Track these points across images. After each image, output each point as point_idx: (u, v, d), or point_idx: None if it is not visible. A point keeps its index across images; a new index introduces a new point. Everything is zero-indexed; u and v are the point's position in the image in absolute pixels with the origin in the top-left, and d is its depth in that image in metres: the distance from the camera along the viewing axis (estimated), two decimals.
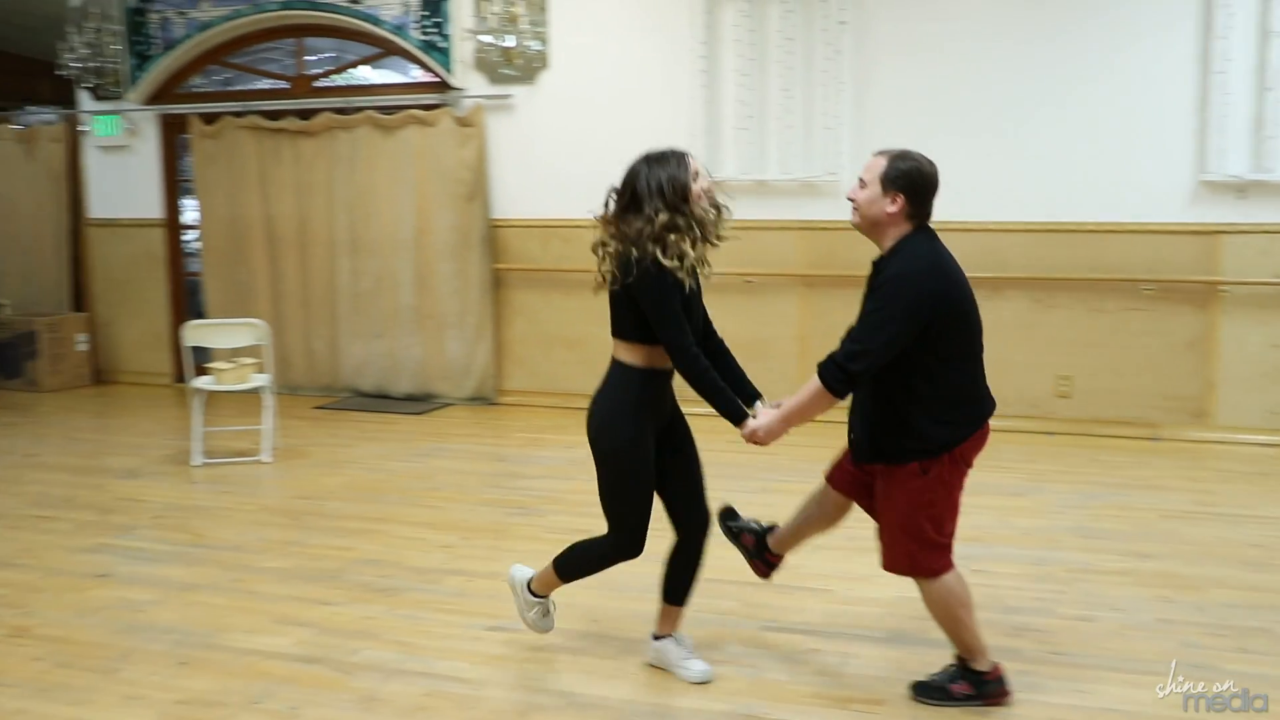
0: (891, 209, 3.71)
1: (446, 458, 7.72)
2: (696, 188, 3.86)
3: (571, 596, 4.87)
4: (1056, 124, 8.06)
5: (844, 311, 8.51)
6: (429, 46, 9.35)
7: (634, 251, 3.76)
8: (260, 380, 7.71)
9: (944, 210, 8.43)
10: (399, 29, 9.42)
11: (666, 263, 3.75)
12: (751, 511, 5.99)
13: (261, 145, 9.96)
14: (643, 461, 3.88)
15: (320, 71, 10.16)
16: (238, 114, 10.04)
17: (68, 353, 10.67)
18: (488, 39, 8.83)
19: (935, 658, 4.32)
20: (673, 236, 3.78)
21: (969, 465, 3.82)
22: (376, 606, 4.93)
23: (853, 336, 3.71)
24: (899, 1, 8.27)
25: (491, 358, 9.48)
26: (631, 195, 3.88)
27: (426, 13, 9.33)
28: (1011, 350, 8.27)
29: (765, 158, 8.57)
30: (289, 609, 4.92)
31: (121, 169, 10.66)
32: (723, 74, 8.61)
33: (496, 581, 5.17)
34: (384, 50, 9.77)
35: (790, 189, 8.58)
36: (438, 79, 9.50)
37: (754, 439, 3.91)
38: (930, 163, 3.74)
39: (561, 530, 5.71)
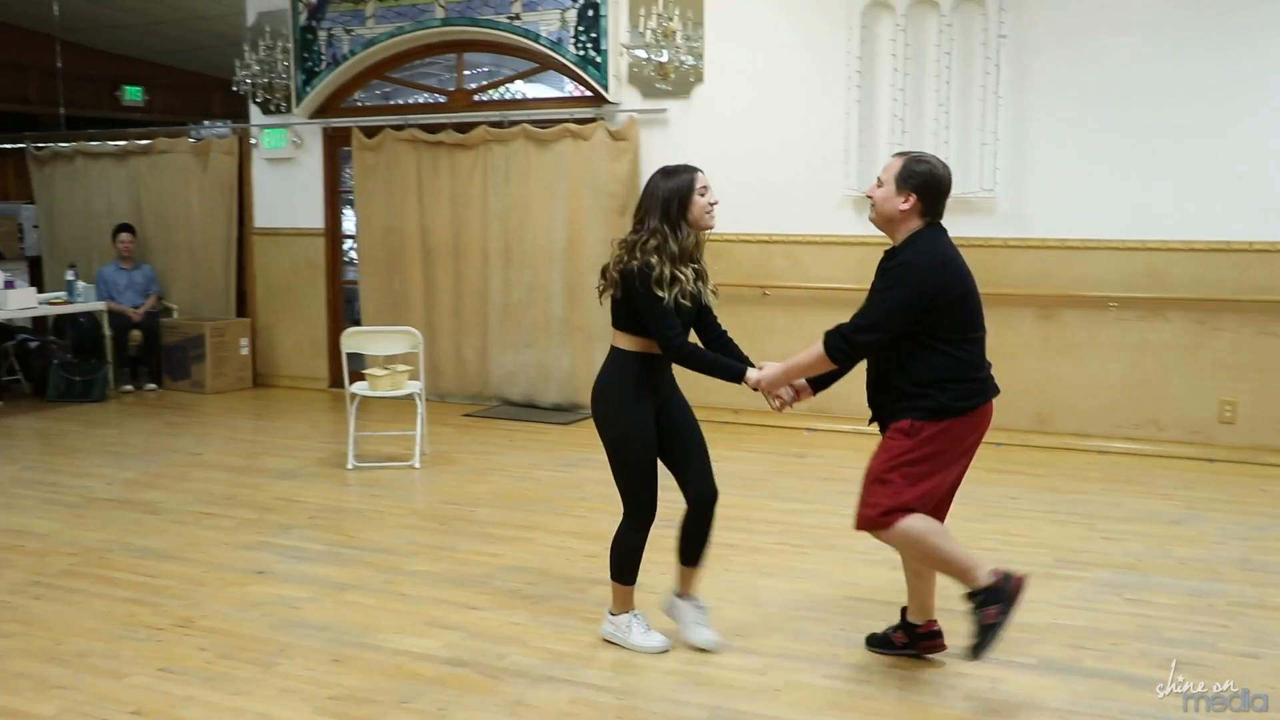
0: (904, 206, 4.04)
1: (593, 468, 7.76)
2: (702, 201, 4.26)
3: (722, 611, 4.86)
4: (1223, 139, 7.79)
5: (999, 330, 8.40)
6: (585, 61, 9.46)
7: (635, 259, 4.20)
8: (413, 387, 7.87)
9: (1103, 229, 8.21)
10: (556, 44, 9.55)
11: (661, 270, 4.18)
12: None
13: (419, 157, 10.18)
14: (643, 435, 4.30)
15: (478, 86, 10.35)
16: (397, 127, 10.29)
17: (231, 356, 11.04)
18: (643, 54, 8.90)
19: (1088, 688, 4.20)
20: (666, 242, 4.21)
21: (966, 449, 4.07)
22: (523, 613, 4.99)
23: (861, 313, 4.00)
24: (1060, 15, 8.09)
25: None
26: (644, 206, 4.30)
27: (583, 28, 9.44)
28: (1170, 373, 8.01)
29: None
30: (438, 612, 5.00)
31: (286, 180, 11.01)
32: (878, 88, 8.53)
33: (641, 593, 5.18)
34: (541, 65, 9.92)
35: (946, 205, 8.43)
36: (593, 93, 9.60)
37: (759, 387, 4.28)
38: (944, 166, 4.08)
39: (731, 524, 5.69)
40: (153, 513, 6.67)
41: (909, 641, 4.50)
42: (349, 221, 11.02)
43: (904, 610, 4.55)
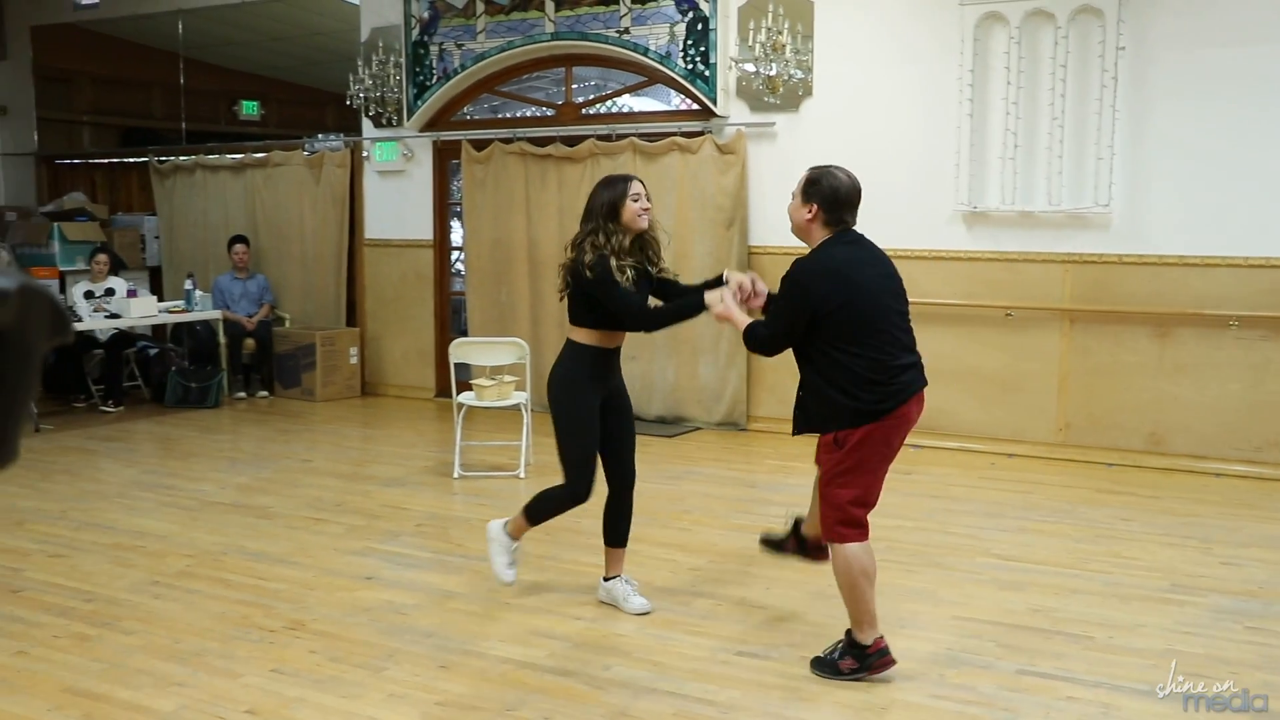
0: (808, 216, 4.35)
1: (697, 481, 7.79)
2: (635, 206, 4.78)
3: (831, 631, 4.84)
4: None
5: (1112, 348, 8.28)
6: (693, 75, 9.50)
7: (583, 256, 4.74)
8: (519, 398, 7.95)
9: (1225, 245, 8.00)
10: (664, 58, 9.61)
11: (614, 261, 4.71)
12: (1013, 551, 5.83)
13: (527, 170, 10.30)
14: (590, 419, 4.89)
15: (586, 100, 10.44)
16: (506, 140, 10.41)
17: (341, 365, 11.24)
18: (751, 67, 8.91)
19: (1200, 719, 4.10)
20: (600, 240, 4.73)
21: (890, 446, 4.28)
22: (627, 624, 5.02)
23: (765, 320, 4.41)
24: (1181, 24, 7.93)
25: (743, 384, 9.52)
26: (585, 213, 4.88)
27: (691, 42, 9.48)
28: None
29: (1032, 188, 8.35)
30: (542, 621, 5.05)
31: (397, 192, 11.20)
32: (990, 101, 8.44)
33: (746, 608, 5.19)
34: (649, 79, 9.98)
35: (1057, 220, 8.34)
36: (700, 106, 9.63)
37: (714, 308, 4.62)
38: (847, 175, 4.38)
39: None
40: (265, 517, 6.83)
41: (799, 550, 5.00)
42: (457, 233, 11.17)
43: (797, 523, 4.99)
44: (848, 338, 4.20)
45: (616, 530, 5.21)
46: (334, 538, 6.39)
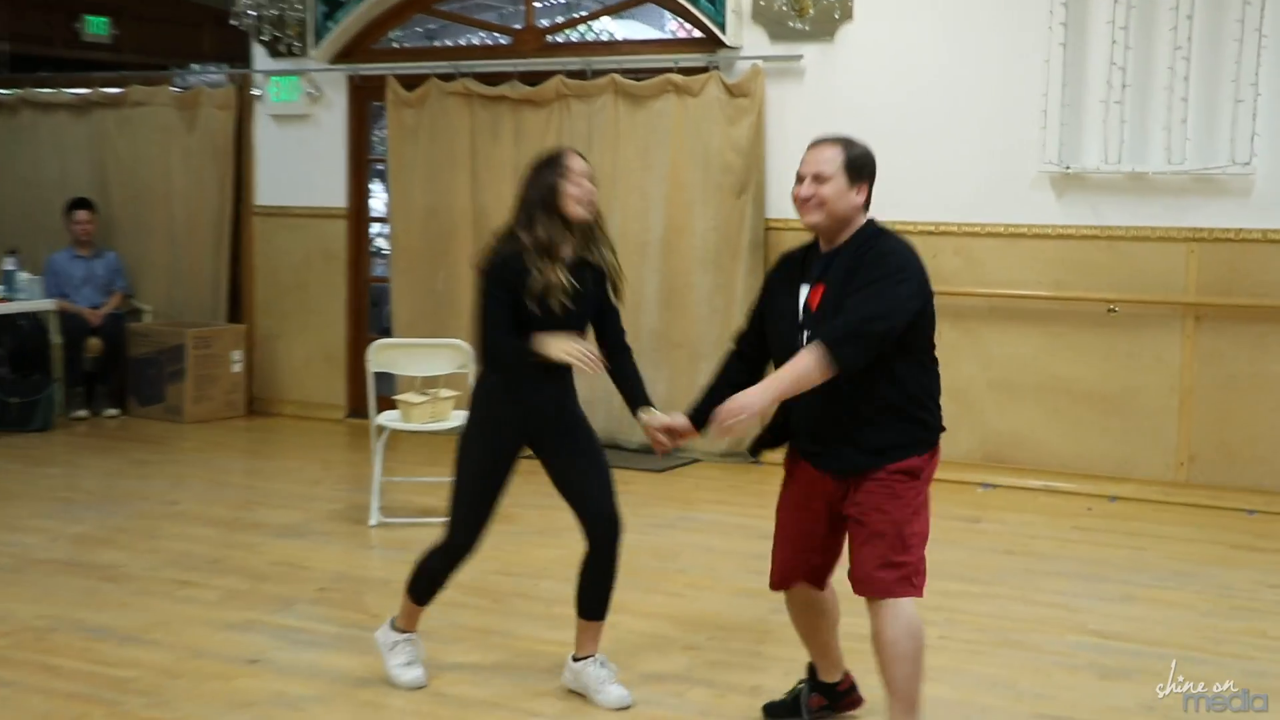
0: (859, 200, 4.44)
1: (694, 530, 7.74)
2: (574, 191, 4.90)
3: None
4: None
5: (1252, 355, 8.26)
6: None
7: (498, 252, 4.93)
8: (459, 419, 7.86)
9: None
10: None
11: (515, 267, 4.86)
12: (1118, 627, 5.81)
13: (475, 117, 10.25)
14: (482, 457, 5.01)
15: (553, 24, 10.40)
16: (446, 77, 10.37)
17: (220, 374, 11.17)
18: None
19: None
20: (523, 237, 4.89)
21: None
22: None
23: (855, 308, 4.27)
24: None
25: None
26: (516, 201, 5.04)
27: None
28: None
29: (1145, 143, 8.34)
30: (490, 718, 4.98)
31: (299, 144, 11.16)
32: (1090, 28, 8.44)
33: (758, 699, 5.13)
34: None
35: (1179, 184, 8.32)
36: (704, 34, 9.59)
37: (730, 416, 4.34)
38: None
39: (843, 634, 5.62)
40: (111, 580, 6.73)
41: (830, 703, 4.99)
42: (379, 200, 11.12)
43: (812, 669, 4.99)
44: (930, 343, 4.44)
45: (592, 597, 5.17)
46: (206, 607, 6.30)
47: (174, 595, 6.47)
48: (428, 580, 5.19)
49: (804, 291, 4.44)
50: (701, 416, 4.70)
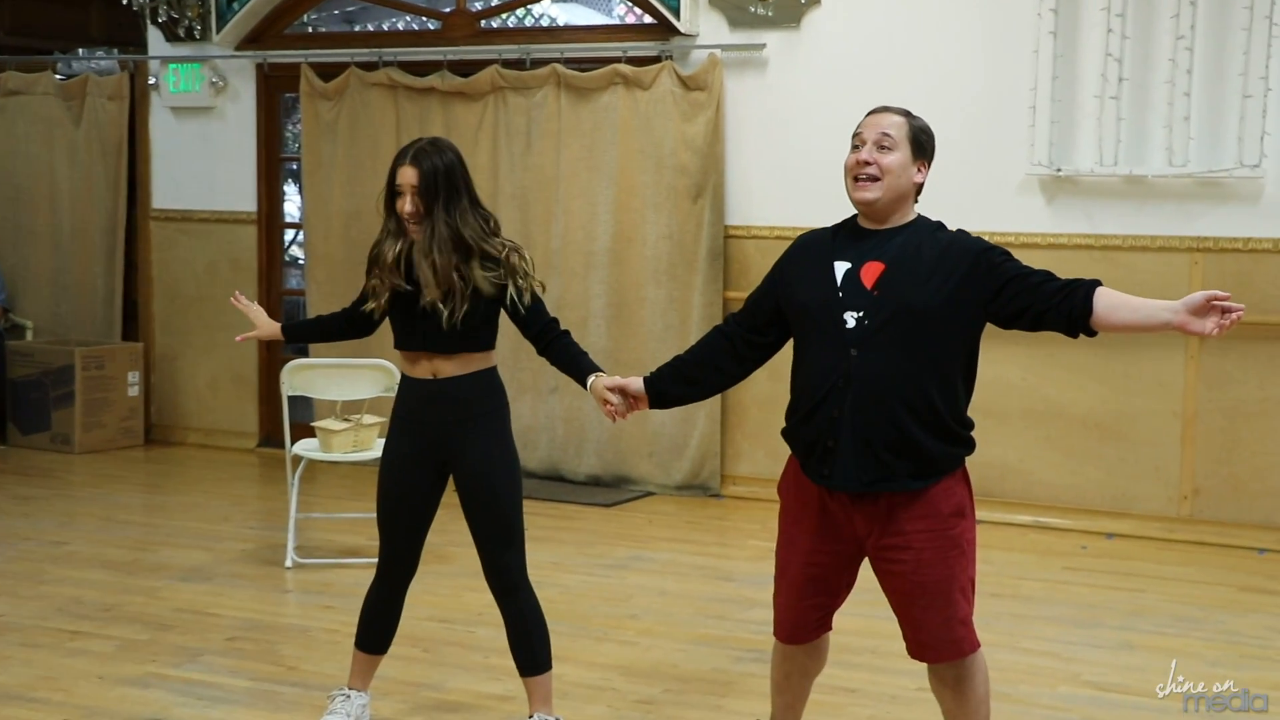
0: (919, 179, 4.53)
1: (647, 572, 7.77)
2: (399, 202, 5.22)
3: None
4: None
5: (1262, 377, 8.34)
6: None
7: None
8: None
9: None
10: None
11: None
12: (1115, 677, 5.89)
13: (400, 111, 10.28)
14: (390, 476, 5.28)
15: (487, 7, 10.44)
16: (368, 65, 10.39)
17: (114, 399, 11.14)
18: None
19: None
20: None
21: None
22: None
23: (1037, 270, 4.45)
24: None
25: (716, 429, 9.53)
26: None
27: None
28: None
29: (1144, 143, 8.43)
30: None
31: (201, 140, 11.14)
32: (1084, 16, 8.52)
33: None
34: None
35: (1182, 189, 8.43)
36: (656, 20, 9.65)
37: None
38: None
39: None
40: None
41: None
42: (293, 203, 11.12)
43: None
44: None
45: (515, 653, 5.31)
46: (100, 660, 6.29)
47: (63, 647, 6.46)
48: (364, 618, 5.47)
49: (841, 268, 4.41)
50: (658, 390, 4.79)
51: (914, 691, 5.49)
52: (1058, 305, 4.24)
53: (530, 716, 5.21)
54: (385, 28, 10.94)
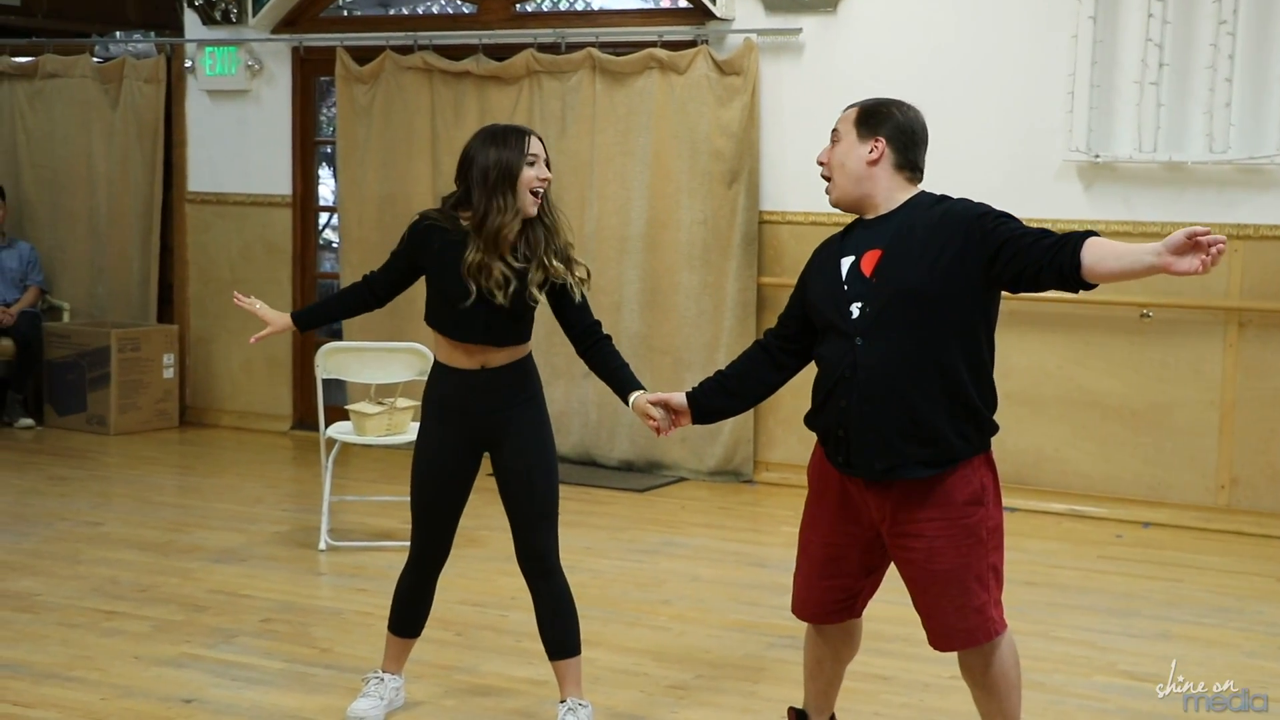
0: (871, 156, 4.48)
1: (680, 557, 7.77)
2: (530, 174, 5.04)
3: None
4: None
5: None
6: None
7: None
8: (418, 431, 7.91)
9: None
10: None
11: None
12: (1152, 668, 5.86)
13: (435, 94, 10.28)
14: (429, 463, 5.21)
15: None
16: (403, 49, 10.40)
17: (149, 380, 11.18)
18: None
19: None
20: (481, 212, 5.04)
21: None
22: None
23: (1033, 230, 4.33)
24: None
25: (749, 415, 9.51)
26: (460, 173, 5.20)
27: None
28: None
29: (1184, 129, 8.39)
30: None
31: (237, 123, 11.17)
32: (1123, 2, 8.48)
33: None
34: None
35: (1222, 176, 8.40)
36: (691, 4, 9.63)
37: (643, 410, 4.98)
38: (913, 108, 4.63)
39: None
40: (26, 610, 6.74)
41: None
42: (328, 186, 11.13)
43: (801, 714, 5.00)
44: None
45: (545, 636, 5.30)
46: (135, 640, 6.31)
47: (98, 627, 6.48)
48: (397, 604, 5.46)
49: (846, 262, 4.48)
50: (701, 403, 4.82)
51: (948, 679, 5.47)
52: (1049, 262, 4.14)
53: (561, 701, 5.21)
54: (420, 11, 10.95)
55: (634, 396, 5.07)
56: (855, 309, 4.36)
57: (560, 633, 5.23)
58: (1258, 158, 8.23)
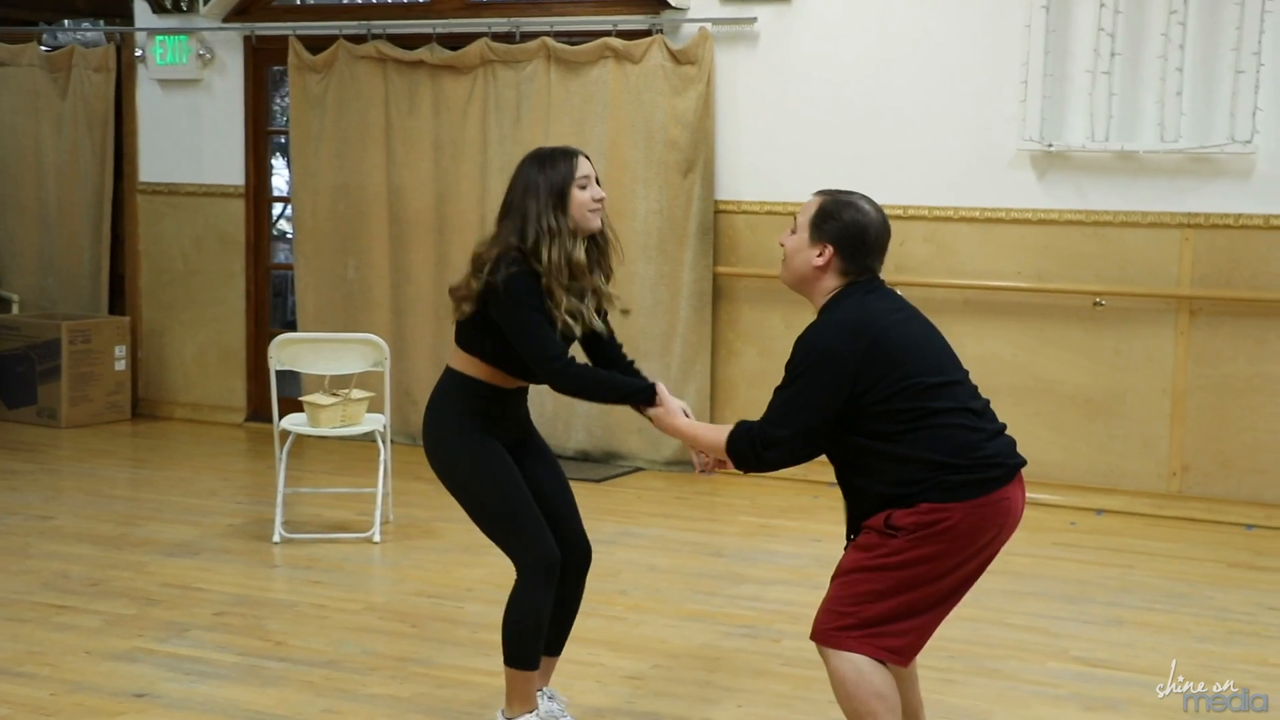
0: (818, 262, 4.52)
1: (636, 547, 7.78)
2: (583, 196, 4.87)
3: None
4: None
5: (1253, 354, 8.35)
6: None
7: (498, 271, 4.78)
8: (374, 422, 7.91)
9: None
10: None
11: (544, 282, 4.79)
12: (1104, 653, 5.89)
13: (389, 84, 10.26)
14: (496, 468, 4.92)
15: None
16: (356, 38, 10.37)
17: (101, 373, 11.12)
18: None
19: None
20: (542, 249, 4.81)
21: (980, 552, 4.39)
22: None
23: (770, 411, 4.44)
24: None
25: (705, 404, 9.52)
26: (507, 205, 4.98)
27: None
28: None
29: (1136, 118, 8.44)
30: None
31: (188, 113, 11.13)
32: None
33: None
34: None
35: (1173, 165, 8.44)
36: None
37: (657, 417, 4.93)
38: (875, 208, 4.60)
39: (804, 662, 5.69)
40: None
41: None
42: (281, 177, 11.10)
43: None
44: (915, 415, 4.36)
45: (556, 631, 5.20)
46: (87, 635, 6.29)
47: (49, 622, 6.45)
48: (526, 634, 4.94)
49: None
50: None
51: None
52: None
53: (542, 689, 5.21)
54: (374, 0, 10.91)
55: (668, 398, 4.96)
56: None
57: (565, 631, 5.23)
58: (1208, 147, 8.27)
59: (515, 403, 5.06)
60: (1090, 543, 7.99)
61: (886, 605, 4.30)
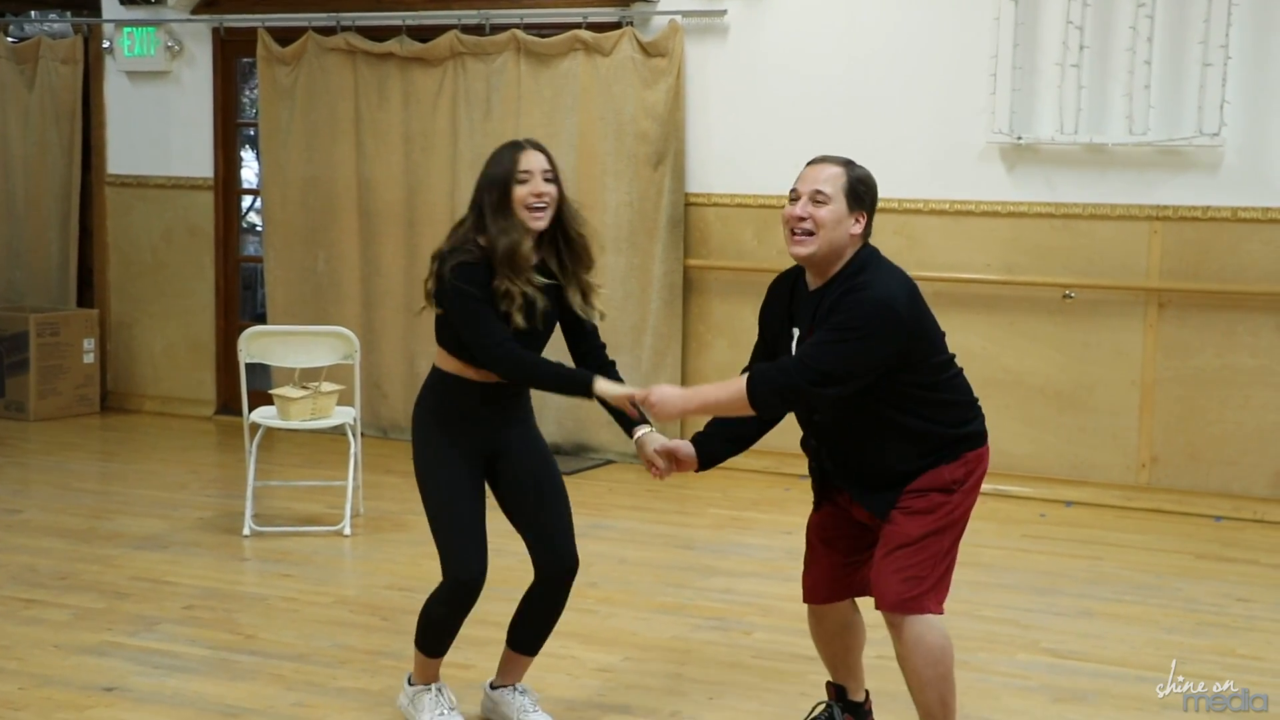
0: (856, 230, 4.61)
1: (607, 540, 7.77)
2: (521, 191, 4.84)
3: None
4: None
5: (1221, 346, 8.39)
6: None
7: (444, 264, 4.86)
8: (344, 415, 7.90)
9: None
10: None
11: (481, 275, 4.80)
12: (1074, 645, 5.91)
13: (358, 76, 10.24)
14: (449, 480, 4.99)
15: None
16: (326, 30, 10.35)
17: (69, 365, 11.09)
18: None
19: None
20: (474, 242, 4.87)
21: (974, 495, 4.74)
22: None
23: (815, 355, 4.45)
24: None
25: None
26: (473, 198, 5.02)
27: None
28: None
29: (1105, 111, 8.46)
30: None
31: (157, 105, 11.09)
32: None
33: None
34: None
35: (1142, 157, 8.46)
36: None
37: (651, 404, 4.72)
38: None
39: (775, 654, 5.71)
40: None
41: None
42: (251, 169, 11.07)
43: (840, 690, 5.07)
44: (932, 360, 4.67)
45: (527, 631, 5.24)
46: (55, 629, 6.28)
47: (17, 616, 6.44)
48: (435, 627, 5.12)
49: (796, 335, 4.61)
50: (707, 450, 4.84)
51: (873, 659, 5.50)
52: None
53: (512, 686, 5.27)
54: None
55: (641, 433, 4.94)
56: None
57: (543, 634, 5.23)
58: (1176, 139, 8.30)
59: (495, 398, 4.99)
60: (1060, 534, 8.01)
61: (949, 560, 4.65)
